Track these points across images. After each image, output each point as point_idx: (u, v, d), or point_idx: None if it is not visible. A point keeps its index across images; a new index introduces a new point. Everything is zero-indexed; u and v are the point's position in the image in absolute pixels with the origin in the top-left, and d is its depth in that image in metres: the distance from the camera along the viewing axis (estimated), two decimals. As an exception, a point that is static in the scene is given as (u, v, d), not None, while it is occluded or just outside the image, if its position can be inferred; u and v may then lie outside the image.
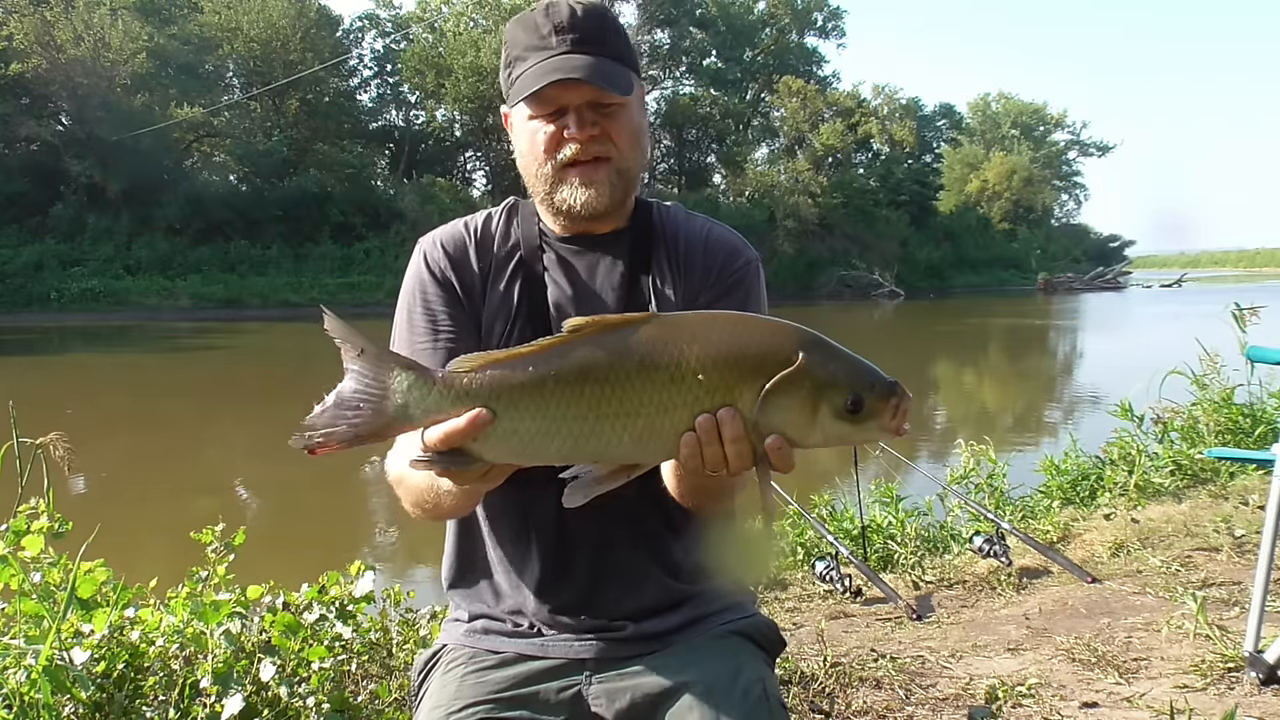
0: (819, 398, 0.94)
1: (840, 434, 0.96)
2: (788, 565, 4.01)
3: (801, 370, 0.94)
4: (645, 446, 0.97)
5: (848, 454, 4.13)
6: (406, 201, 34.86)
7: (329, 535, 6.80)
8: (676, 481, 1.23)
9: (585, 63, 1.24)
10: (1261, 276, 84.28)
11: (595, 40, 1.26)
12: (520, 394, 0.94)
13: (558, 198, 1.29)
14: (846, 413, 0.94)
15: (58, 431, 1.86)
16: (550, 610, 1.33)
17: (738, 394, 0.95)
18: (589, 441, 0.95)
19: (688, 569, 1.37)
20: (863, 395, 0.94)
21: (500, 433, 0.95)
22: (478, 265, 1.36)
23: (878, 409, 0.95)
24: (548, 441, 0.95)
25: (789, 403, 0.94)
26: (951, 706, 2.54)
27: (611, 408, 0.94)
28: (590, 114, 1.26)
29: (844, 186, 43.37)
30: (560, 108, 1.26)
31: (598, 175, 1.28)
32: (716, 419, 0.95)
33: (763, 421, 0.94)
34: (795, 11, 49.19)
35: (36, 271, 28.64)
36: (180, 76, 35.39)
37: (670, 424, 0.95)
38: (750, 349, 0.95)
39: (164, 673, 1.80)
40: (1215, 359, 5.56)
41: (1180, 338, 6.04)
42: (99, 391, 14.89)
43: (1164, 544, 3.89)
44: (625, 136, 1.29)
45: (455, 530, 1.42)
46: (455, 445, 0.96)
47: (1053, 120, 64.03)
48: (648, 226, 1.39)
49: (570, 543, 1.32)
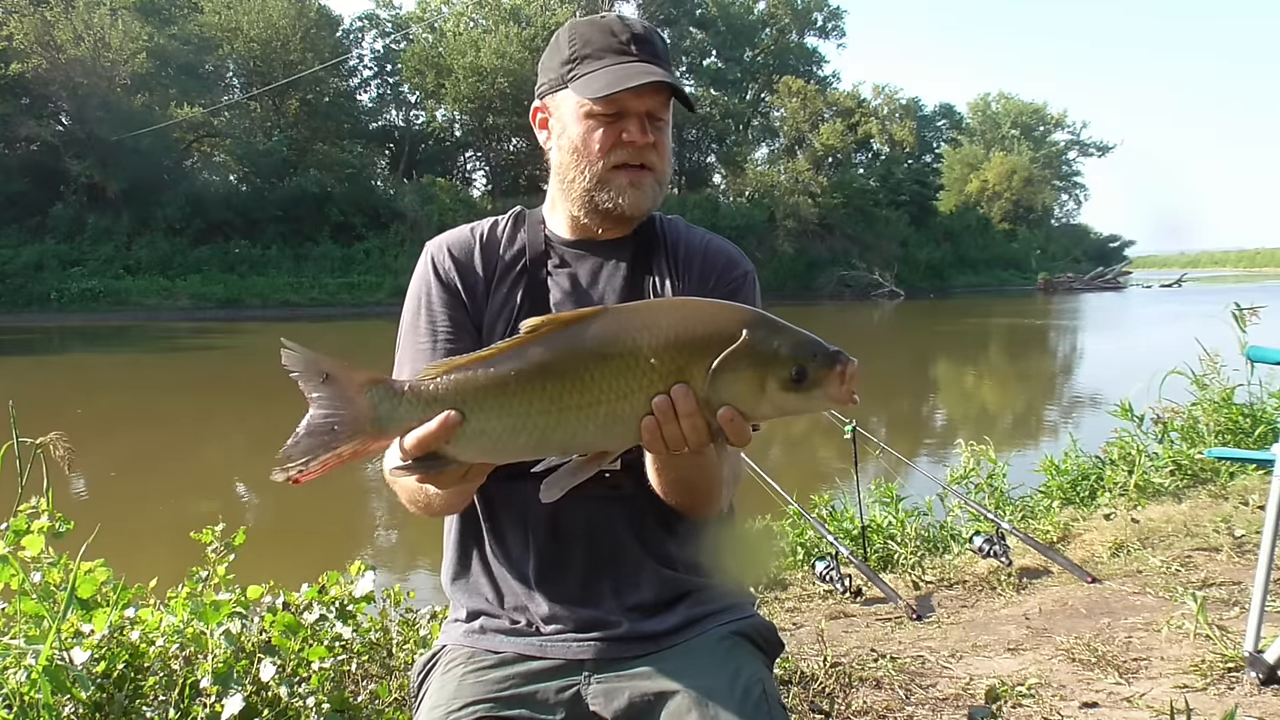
0: (764, 371, 0.98)
1: (789, 404, 1.00)
2: (788, 565, 4.01)
3: (745, 346, 0.98)
4: (609, 433, 1.01)
5: (848, 454, 4.13)
6: (406, 201, 34.87)
7: (329, 535, 6.81)
8: (659, 479, 1.26)
9: (663, 72, 1.31)
10: (1261, 276, 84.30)
11: (661, 56, 1.34)
12: (485, 394, 0.99)
13: (601, 195, 1.34)
14: (792, 383, 0.98)
15: (57, 431, 1.86)
16: (549, 605, 1.34)
17: (689, 374, 0.99)
18: (555, 433, 0.99)
19: (684, 561, 1.38)
20: (806, 366, 0.98)
21: (470, 433, 0.99)
22: (482, 269, 1.40)
23: (822, 378, 0.99)
24: (515, 437, 0.99)
25: (736, 377, 0.99)
26: (951, 706, 2.54)
27: (573, 399, 0.99)
28: (649, 124, 1.33)
29: (844, 186, 43.37)
30: (622, 111, 1.31)
31: (644, 181, 1.34)
32: (671, 397, 1.00)
33: (713, 397, 0.99)
34: (795, 11, 49.20)
35: (36, 271, 28.62)
36: (180, 76, 35.38)
37: (630, 409, 1.00)
38: (697, 330, 1.00)
39: (164, 673, 1.80)
40: (1215, 359, 5.56)
41: (1180, 338, 6.04)
42: (99, 391, 14.89)
43: (1164, 544, 3.89)
44: (665, 152, 1.36)
45: (454, 527, 1.43)
46: (430, 449, 1.01)
47: (1053, 120, 64.05)
48: (650, 233, 1.43)
49: (567, 536, 1.34)
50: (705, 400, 1.00)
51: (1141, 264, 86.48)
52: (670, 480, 1.26)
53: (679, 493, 1.28)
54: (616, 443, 1.03)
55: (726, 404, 0.99)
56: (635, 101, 1.31)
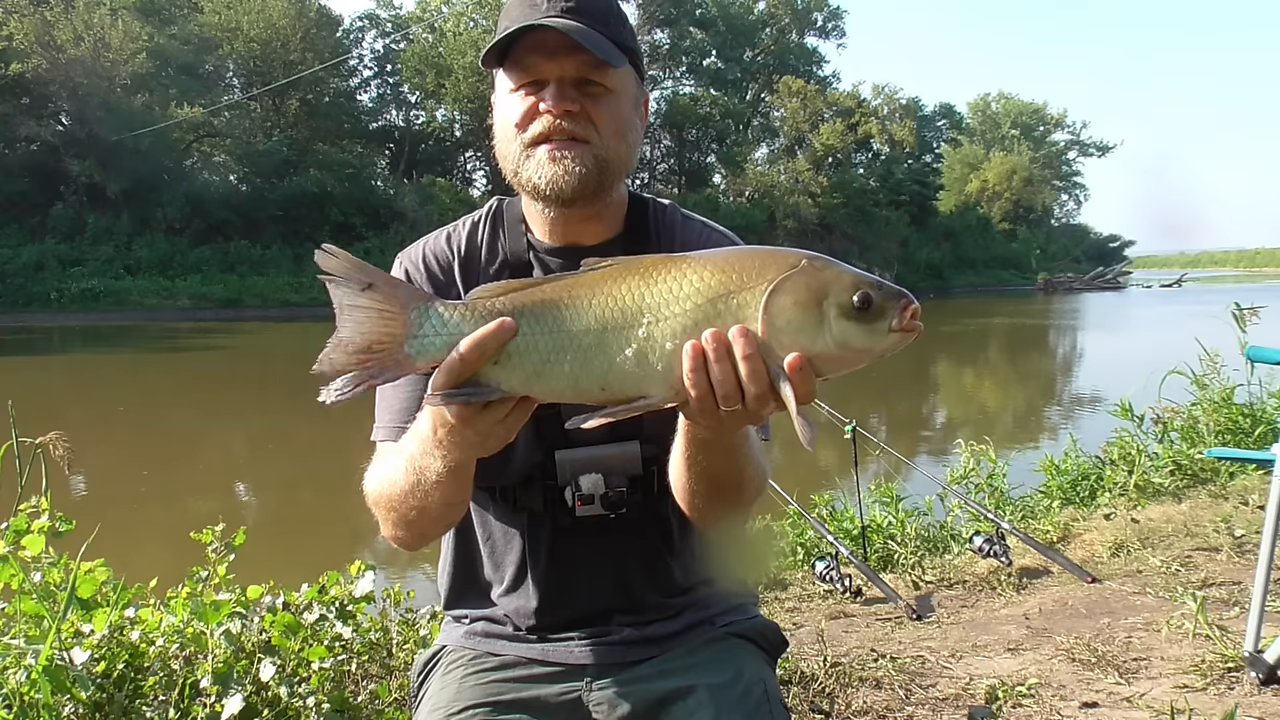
0: (825, 296, 0.92)
1: (851, 336, 0.92)
2: (788, 565, 4.02)
3: (805, 269, 0.93)
4: (647, 364, 0.94)
5: (848, 454, 4.13)
6: (406, 201, 34.89)
7: (329, 535, 6.80)
8: (686, 472, 1.13)
9: (570, 25, 1.14)
10: (1261, 276, 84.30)
11: (590, 13, 1.17)
12: (539, 309, 0.95)
13: (523, 175, 1.20)
14: (855, 310, 0.91)
15: (57, 431, 1.86)
16: (550, 610, 1.32)
17: (741, 298, 0.92)
18: (596, 359, 0.94)
19: (687, 587, 1.35)
20: (870, 293, 0.92)
21: (519, 349, 0.94)
22: (463, 286, 1.29)
23: (887, 307, 0.92)
24: (560, 360, 0.94)
25: (794, 301, 0.91)
26: (951, 706, 2.54)
27: (614, 318, 0.93)
28: (572, 90, 1.17)
29: (844, 186, 43.41)
30: (540, 79, 1.18)
31: (568, 154, 1.17)
32: (727, 338, 0.89)
33: (771, 331, 0.91)
34: (795, 11, 49.25)
35: (36, 271, 28.65)
36: (180, 76, 35.43)
37: (669, 329, 0.93)
38: (752, 257, 0.95)
39: (164, 673, 1.80)
40: (1215, 359, 5.56)
41: (1180, 338, 6.04)
42: (99, 391, 14.89)
43: (1164, 544, 3.89)
44: (608, 122, 1.19)
45: (451, 554, 1.39)
46: (478, 362, 0.92)
47: (1053, 120, 64.07)
48: (642, 236, 1.32)
49: (568, 566, 1.30)
50: (763, 342, 0.91)
51: (1141, 264, 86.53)
52: (699, 471, 1.12)
53: (702, 494, 1.15)
54: (656, 381, 0.94)
55: (783, 334, 0.91)
56: (550, 65, 1.16)
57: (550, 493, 1.27)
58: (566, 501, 1.25)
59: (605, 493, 1.24)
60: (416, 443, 1.07)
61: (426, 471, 1.06)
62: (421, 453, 1.06)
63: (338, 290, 0.93)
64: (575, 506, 1.25)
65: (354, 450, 1.01)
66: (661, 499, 1.24)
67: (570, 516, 1.26)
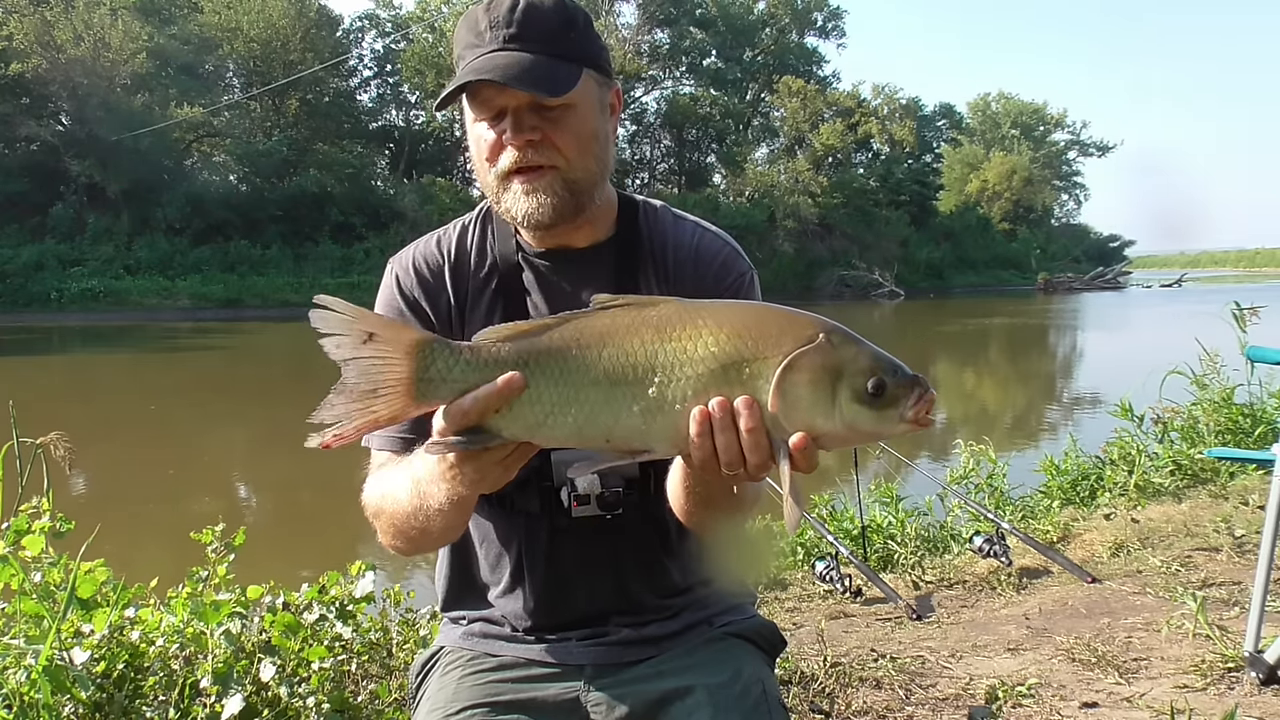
0: (839, 378, 0.91)
1: (860, 421, 0.92)
2: (788, 565, 4.01)
3: (822, 347, 0.91)
4: (654, 422, 0.93)
5: (848, 454, 4.13)
6: (406, 201, 34.88)
7: (329, 535, 6.79)
8: (684, 495, 1.14)
9: (510, 61, 1.14)
10: (1261, 276, 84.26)
11: (535, 37, 1.16)
12: (546, 359, 0.93)
13: (504, 205, 1.22)
14: (868, 395, 0.91)
15: (57, 431, 1.86)
16: (548, 611, 1.33)
17: (754, 368, 0.91)
18: (602, 413, 0.93)
19: (684, 588, 1.36)
20: (885, 379, 0.91)
21: (525, 400, 0.93)
22: (454, 291, 1.30)
23: (900, 395, 0.91)
24: (565, 411, 0.94)
25: (807, 379, 0.90)
26: (951, 706, 2.54)
27: (624, 374, 0.92)
28: (530, 118, 1.17)
29: (844, 186, 43.38)
30: (499, 111, 1.18)
31: (540, 183, 1.18)
32: (733, 406, 0.90)
33: (781, 406, 0.91)
34: (795, 11, 49.20)
35: (36, 271, 28.63)
36: (180, 76, 35.41)
37: (679, 392, 0.92)
38: (770, 325, 0.93)
39: (164, 673, 1.80)
40: (1215, 359, 5.56)
41: (1180, 338, 6.04)
42: (99, 391, 14.89)
43: (1164, 544, 3.89)
44: (571, 143, 1.18)
45: (449, 556, 1.39)
46: (483, 415, 0.93)
47: (1053, 120, 63.98)
48: (633, 238, 1.31)
49: (565, 567, 1.30)
50: (772, 418, 0.90)
51: (1141, 264, 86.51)
52: (696, 498, 1.13)
53: (698, 512, 1.16)
54: (660, 438, 0.94)
55: (793, 411, 0.90)
56: (505, 97, 1.16)
57: (547, 494, 1.27)
58: (563, 502, 1.26)
59: (601, 493, 1.24)
60: (423, 468, 1.08)
61: (429, 498, 1.08)
62: (427, 479, 1.07)
63: (340, 348, 0.94)
64: (572, 507, 1.25)
65: (353, 450, 1.01)
66: (658, 500, 1.23)
67: (567, 517, 1.26)
